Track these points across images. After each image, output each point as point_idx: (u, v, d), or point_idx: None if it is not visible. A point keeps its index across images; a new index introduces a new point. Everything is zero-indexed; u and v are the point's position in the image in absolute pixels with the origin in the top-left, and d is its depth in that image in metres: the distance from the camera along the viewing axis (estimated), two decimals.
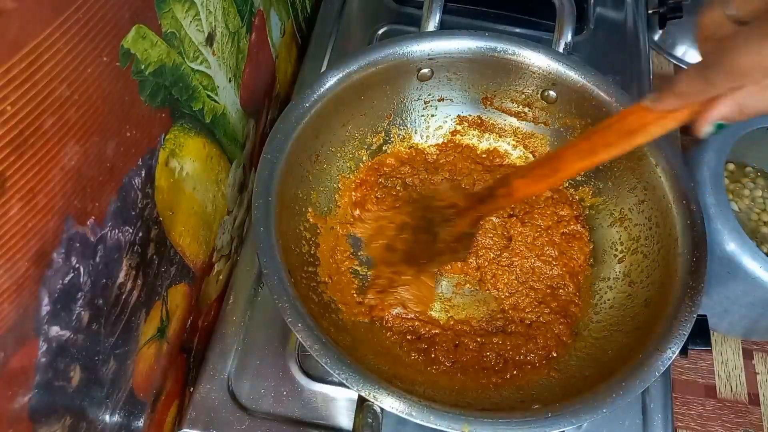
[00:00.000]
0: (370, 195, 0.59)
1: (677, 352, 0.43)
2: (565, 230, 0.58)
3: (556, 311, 0.53)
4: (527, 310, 0.54)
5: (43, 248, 0.30)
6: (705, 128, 0.37)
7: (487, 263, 0.56)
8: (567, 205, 0.59)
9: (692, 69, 0.36)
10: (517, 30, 0.76)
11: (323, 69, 0.71)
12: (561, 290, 0.55)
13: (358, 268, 0.56)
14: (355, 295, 0.54)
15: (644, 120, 0.40)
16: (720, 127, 0.37)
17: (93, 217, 0.34)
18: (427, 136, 0.64)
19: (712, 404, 0.71)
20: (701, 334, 0.49)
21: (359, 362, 0.41)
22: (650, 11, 0.84)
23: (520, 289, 0.55)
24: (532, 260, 0.56)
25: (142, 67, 0.37)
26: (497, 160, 0.64)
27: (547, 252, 0.56)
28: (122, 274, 0.39)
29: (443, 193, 0.55)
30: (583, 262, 0.57)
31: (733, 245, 0.63)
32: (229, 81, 0.53)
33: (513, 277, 0.55)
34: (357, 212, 0.58)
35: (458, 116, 0.63)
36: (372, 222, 0.57)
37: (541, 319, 0.53)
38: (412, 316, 0.53)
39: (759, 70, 0.31)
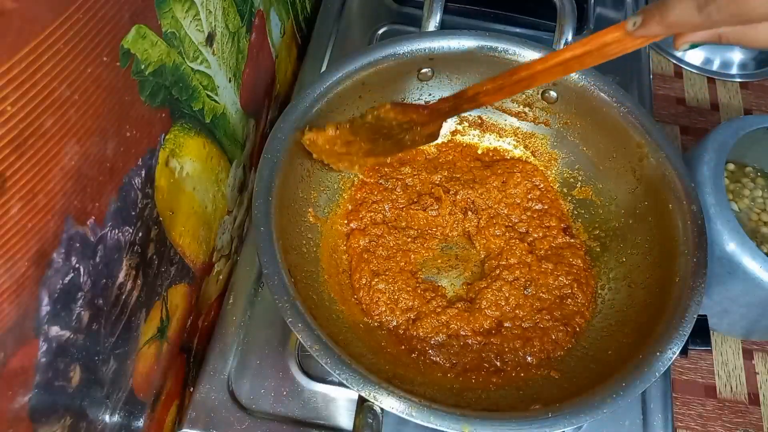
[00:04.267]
0: (369, 197, 0.59)
1: (677, 352, 0.43)
2: (553, 243, 0.58)
3: (557, 319, 0.53)
4: (526, 318, 0.53)
5: (43, 248, 0.30)
6: (681, 47, 0.37)
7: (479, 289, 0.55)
8: (555, 217, 0.59)
9: (684, 4, 0.34)
10: (518, 30, 0.76)
11: (323, 69, 0.71)
12: (569, 300, 0.54)
13: None
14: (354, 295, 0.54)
15: (622, 42, 0.39)
16: (694, 46, 0.37)
17: (93, 217, 0.34)
18: None
19: (712, 404, 0.71)
20: (701, 334, 0.49)
21: (359, 362, 0.41)
22: None
23: (521, 302, 0.54)
24: (531, 275, 0.55)
25: (142, 67, 0.37)
26: (498, 159, 0.64)
27: (544, 265, 0.56)
28: (122, 274, 0.39)
29: (394, 117, 0.49)
30: (583, 264, 0.56)
31: (733, 245, 0.63)
32: (229, 81, 0.53)
33: (512, 294, 0.54)
34: (353, 224, 0.58)
35: (458, 116, 0.63)
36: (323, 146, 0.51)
37: (539, 324, 0.53)
38: (411, 316, 0.53)
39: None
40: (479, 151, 0.64)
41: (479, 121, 0.63)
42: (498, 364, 0.51)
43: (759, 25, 0.34)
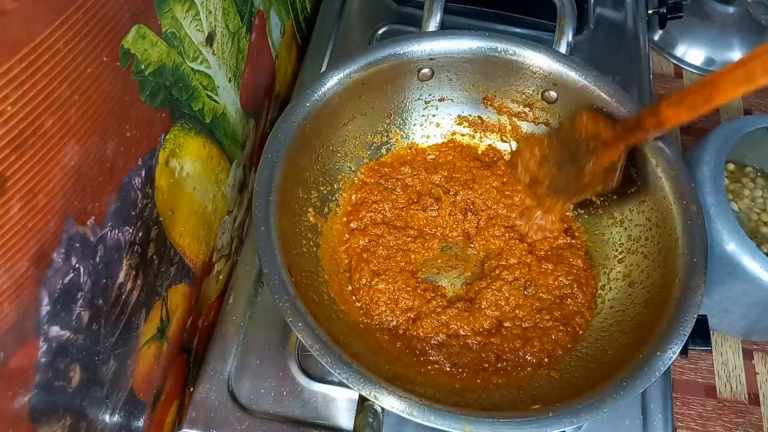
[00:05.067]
0: (369, 197, 0.59)
1: (677, 352, 0.43)
2: (554, 244, 0.58)
3: (556, 319, 0.53)
4: (526, 318, 0.53)
5: (43, 248, 0.30)
6: None
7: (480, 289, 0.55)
8: (558, 220, 0.59)
9: None
10: (518, 30, 0.76)
11: (323, 69, 0.71)
12: (569, 300, 0.54)
13: None
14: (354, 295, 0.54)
15: None
16: None
17: (93, 217, 0.34)
18: (428, 136, 0.64)
19: (712, 404, 0.71)
20: (701, 334, 0.49)
21: (360, 362, 0.41)
22: (650, 11, 0.84)
23: (521, 302, 0.54)
24: (531, 275, 0.55)
25: (142, 67, 0.37)
26: (497, 159, 0.64)
27: (543, 265, 0.56)
28: (122, 274, 0.39)
29: (585, 124, 0.52)
30: (583, 264, 0.56)
31: (733, 245, 0.63)
32: (229, 81, 0.53)
33: (512, 294, 0.54)
34: (353, 224, 0.58)
35: (459, 116, 0.63)
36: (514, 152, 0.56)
37: (539, 324, 0.53)
38: (411, 316, 0.53)
39: None
40: (479, 151, 0.64)
41: (479, 121, 0.63)
42: (498, 364, 0.51)
43: None
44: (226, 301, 0.57)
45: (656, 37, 1.11)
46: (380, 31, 0.76)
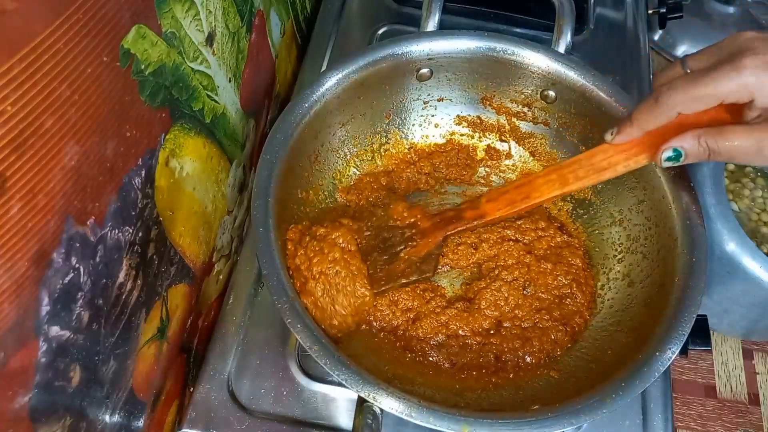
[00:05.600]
0: (369, 197, 0.59)
1: (677, 352, 0.43)
2: (552, 243, 0.58)
3: (556, 319, 0.53)
4: (525, 318, 0.53)
5: (43, 248, 0.30)
6: (664, 154, 0.41)
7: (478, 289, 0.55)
8: (543, 220, 0.59)
9: (645, 100, 0.41)
10: (517, 30, 0.76)
11: (323, 69, 0.72)
12: (568, 300, 0.54)
13: None
14: None
15: (610, 158, 0.45)
16: (677, 155, 0.41)
17: (93, 217, 0.34)
18: (427, 136, 0.64)
19: (712, 404, 0.71)
20: (701, 334, 0.49)
21: (359, 363, 0.41)
22: (650, 11, 0.84)
23: (520, 302, 0.54)
24: (530, 275, 0.55)
25: (142, 67, 0.37)
26: (496, 160, 0.64)
27: (542, 265, 0.56)
28: (122, 274, 0.39)
29: (400, 213, 0.51)
30: (582, 264, 0.56)
31: (733, 245, 0.63)
32: (229, 81, 0.53)
33: (511, 294, 0.54)
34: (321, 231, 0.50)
35: (457, 116, 0.63)
36: (314, 246, 0.47)
37: (539, 324, 0.53)
38: (411, 316, 0.53)
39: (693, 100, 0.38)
40: (479, 151, 0.64)
41: (478, 121, 0.63)
42: (497, 364, 0.51)
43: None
44: (226, 301, 0.57)
45: (656, 37, 1.11)
46: (380, 31, 0.76)
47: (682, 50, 1.08)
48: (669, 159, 0.41)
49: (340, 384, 0.49)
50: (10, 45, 0.25)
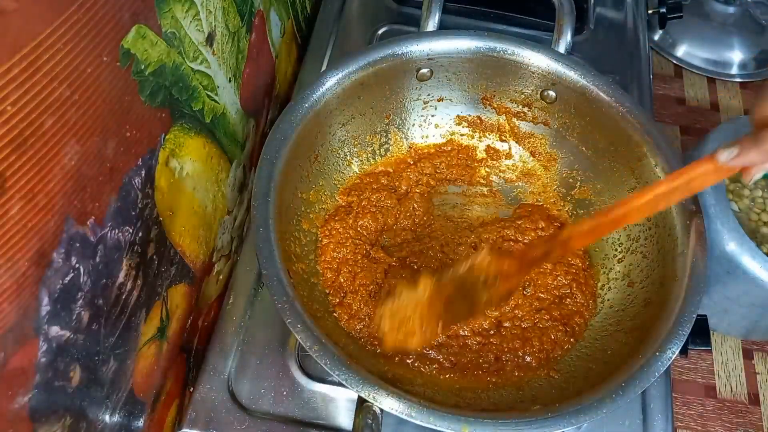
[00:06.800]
0: (368, 197, 0.59)
1: (677, 352, 0.43)
2: None
3: (556, 319, 0.53)
4: (525, 318, 0.53)
5: (43, 248, 0.30)
6: (755, 176, 0.40)
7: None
8: (543, 220, 0.59)
9: None
10: (517, 30, 0.76)
11: (323, 69, 0.72)
12: (568, 300, 0.54)
13: None
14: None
15: (707, 178, 0.42)
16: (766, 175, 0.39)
17: (93, 217, 0.34)
18: (427, 136, 0.64)
19: (712, 404, 0.71)
20: (701, 334, 0.49)
21: (359, 362, 0.41)
22: (650, 11, 0.84)
23: (520, 302, 0.54)
24: (530, 275, 0.55)
25: (142, 67, 0.37)
26: (496, 160, 0.64)
27: (542, 265, 0.56)
28: (122, 274, 0.39)
29: (481, 265, 0.46)
30: (582, 264, 0.56)
31: (733, 245, 0.63)
32: (229, 81, 0.53)
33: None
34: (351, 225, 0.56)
35: (457, 116, 0.63)
36: (390, 309, 0.45)
37: (539, 324, 0.53)
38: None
39: None
40: (479, 152, 0.64)
41: (478, 121, 0.63)
42: (497, 364, 0.51)
43: None
44: (226, 301, 0.57)
45: (656, 37, 1.11)
46: (380, 31, 0.76)
47: (682, 50, 1.08)
48: (758, 178, 0.41)
49: (340, 384, 0.49)
50: (10, 45, 0.25)
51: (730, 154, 0.40)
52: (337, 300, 0.52)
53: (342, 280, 0.53)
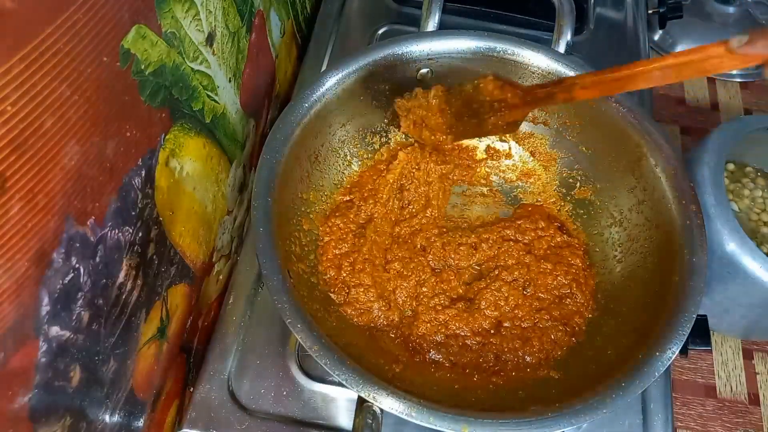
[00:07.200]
0: (368, 197, 0.59)
1: (677, 352, 0.43)
2: (552, 243, 0.58)
3: (556, 319, 0.53)
4: (525, 318, 0.53)
5: (43, 248, 0.30)
6: None
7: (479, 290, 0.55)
8: (543, 220, 0.59)
9: None
10: (517, 30, 0.76)
11: (323, 69, 0.71)
12: (568, 299, 0.54)
13: None
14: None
15: (721, 62, 0.41)
16: None
17: (93, 217, 0.34)
18: None
19: (712, 404, 0.71)
20: (701, 334, 0.49)
21: (359, 363, 0.41)
22: (650, 11, 0.84)
23: (520, 302, 0.54)
24: (530, 275, 0.55)
25: (142, 67, 0.37)
26: (496, 160, 0.64)
27: (542, 265, 0.56)
28: (122, 274, 0.39)
29: (490, 92, 0.49)
30: (582, 264, 0.56)
31: (733, 245, 0.63)
32: (229, 81, 0.53)
33: (511, 294, 0.54)
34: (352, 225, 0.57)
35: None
36: (407, 116, 0.53)
37: (539, 324, 0.53)
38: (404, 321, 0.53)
39: None
40: (479, 152, 0.64)
41: None
42: (497, 364, 0.51)
43: None
44: (226, 301, 0.57)
45: (656, 37, 1.11)
46: (380, 31, 0.76)
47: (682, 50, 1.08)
48: None
49: (340, 384, 0.49)
50: (10, 45, 0.25)
51: (741, 40, 0.40)
52: (342, 299, 0.52)
53: (344, 275, 0.53)
